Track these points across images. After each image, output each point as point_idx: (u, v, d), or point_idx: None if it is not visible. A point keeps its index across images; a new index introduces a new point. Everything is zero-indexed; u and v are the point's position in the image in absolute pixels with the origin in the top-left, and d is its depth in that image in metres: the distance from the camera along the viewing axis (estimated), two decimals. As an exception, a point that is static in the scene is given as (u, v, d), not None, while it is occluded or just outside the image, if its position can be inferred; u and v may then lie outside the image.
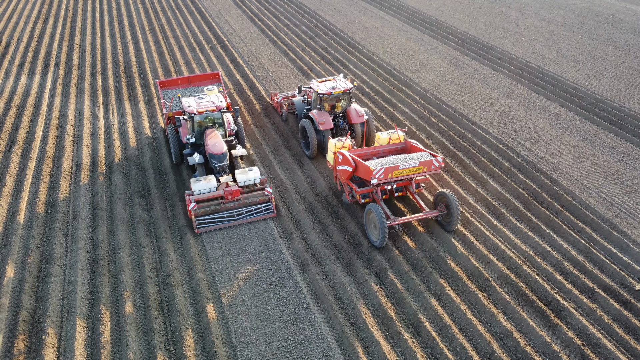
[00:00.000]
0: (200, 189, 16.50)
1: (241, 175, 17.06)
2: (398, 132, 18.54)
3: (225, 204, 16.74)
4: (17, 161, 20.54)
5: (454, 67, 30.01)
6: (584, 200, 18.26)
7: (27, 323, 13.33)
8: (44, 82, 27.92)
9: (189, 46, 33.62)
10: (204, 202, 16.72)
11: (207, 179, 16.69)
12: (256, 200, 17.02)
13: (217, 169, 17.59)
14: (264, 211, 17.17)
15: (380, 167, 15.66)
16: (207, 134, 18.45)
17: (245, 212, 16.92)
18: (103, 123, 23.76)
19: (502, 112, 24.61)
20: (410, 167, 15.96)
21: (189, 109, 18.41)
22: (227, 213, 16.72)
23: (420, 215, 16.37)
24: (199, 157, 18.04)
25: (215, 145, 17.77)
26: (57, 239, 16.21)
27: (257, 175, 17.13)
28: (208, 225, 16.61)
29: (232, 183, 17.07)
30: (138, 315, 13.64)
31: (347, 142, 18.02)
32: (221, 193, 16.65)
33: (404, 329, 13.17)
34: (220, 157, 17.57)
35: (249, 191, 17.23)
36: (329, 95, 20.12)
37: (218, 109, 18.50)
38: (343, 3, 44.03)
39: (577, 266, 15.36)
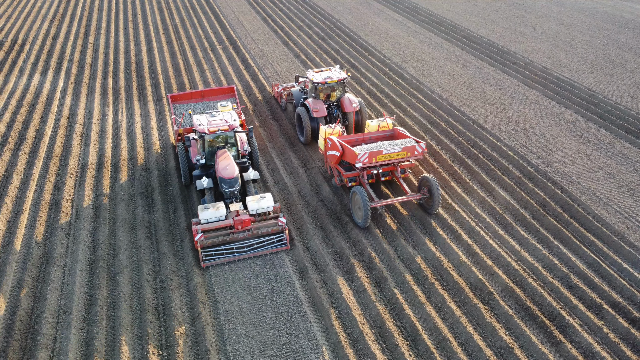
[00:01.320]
0: (208, 217, 15.21)
1: (253, 203, 15.64)
2: (387, 120, 19.34)
3: (235, 235, 15.42)
4: (25, 159, 20.71)
5: (467, 72, 29.50)
6: (595, 211, 17.70)
7: (23, 323, 13.35)
8: (56, 81, 28.18)
9: (201, 47, 33.67)
10: (211, 232, 15.38)
11: (216, 207, 15.46)
12: (268, 231, 15.67)
13: (228, 194, 16.16)
14: (276, 243, 15.83)
15: (364, 152, 16.82)
16: (218, 155, 17.02)
17: (256, 243, 15.62)
18: (112, 123, 23.85)
19: (514, 119, 24.07)
20: (393, 152, 17.05)
21: (199, 127, 17.03)
22: (236, 244, 15.45)
23: (404, 198, 17.21)
24: (207, 182, 16.58)
25: (226, 169, 16.28)
26: (58, 238, 16.25)
27: (270, 203, 15.69)
28: (215, 258, 15.32)
29: (243, 211, 15.65)
30: (133, 318, 13.57)
31: (336, 129, 18.90)
32: (230, 222, 15.26)
33: (401, 341, 12.86)
34: (231, 182, 16.10)
35: (260, 220, 15.90)
36: (323, 85, 21.07)
37: (231, 128, 17.12)
38: (358, 5, 43.71)
39: (585, 281, 14.86)
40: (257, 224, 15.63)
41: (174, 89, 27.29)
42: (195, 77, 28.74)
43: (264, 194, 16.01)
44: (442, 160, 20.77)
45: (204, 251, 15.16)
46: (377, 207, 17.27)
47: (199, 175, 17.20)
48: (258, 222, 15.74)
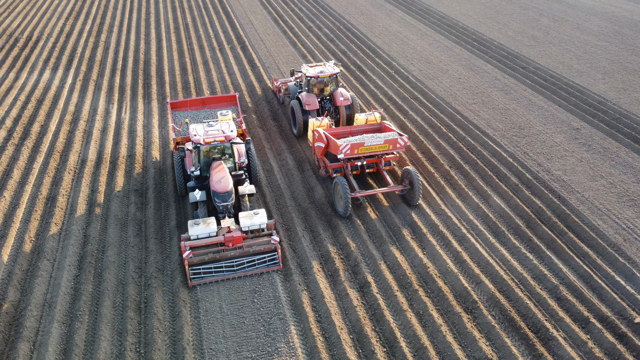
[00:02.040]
0: (198, 233, 14.59)
1: (245, 219, 15.00)
2: (374, 113, 20.01)
3: (225, 252, 14.80)
4: (27, 154, 21.12)
5: (473, 75, 29.11)
6: (592, 222, 17.27)
7: (9, 315, 13.61)
8: (65, 78, 28.70)
9: (209, 46, 33.91)
10: (201, 249, 14.78)
11: (207, 222, 14.83)
12: (260, 249, 15.00)
13: (220, 208, 15.52)
14: (268, 262, 15.12)
15: (346, 144, 17.38)
16: (213, 167, 16.37)
17: (247, 262, 14.93)
18: (115, 120, 24.18)
19: (517, 124, 23.65)
20: (375, 144, 17.57)
21: (195, 137, 16.46)
22: (226, 263, 14.78)
23: (385, 189, 17.62)
24: (200, 194, 15.98)
25: (219, 182, 15.55)
26: (51, 233, 16.53)
27: (263, 220, 15.03)
28: (204, 276, 14.62)
29: (235, 227, 15.05)
30: (115, 314, 13.71)
31: (324, 122, 19.60)
32: (221, 239, 14.64)
33: (378, 348, 12.73)
34: (224, 196, 15.35)
35: (253, 237, 15.29)
36: (316, 79, 21.72)
37: (228, 139, 16.51)
38: (369, 6, 43.52)
39: (574, 293, 14.51)
40: (249, 241, 14.97)
41: (179, 87, 27.55)
42: (200, 76, 28.96)
43: (257, 209, 15.46)
44: (439, 165, 20.52)
45: (192, 269, 14.54)
46: (358, 197, 17.90)
47: (195, 186, 16.62)
48: (250, 240, 15.09)
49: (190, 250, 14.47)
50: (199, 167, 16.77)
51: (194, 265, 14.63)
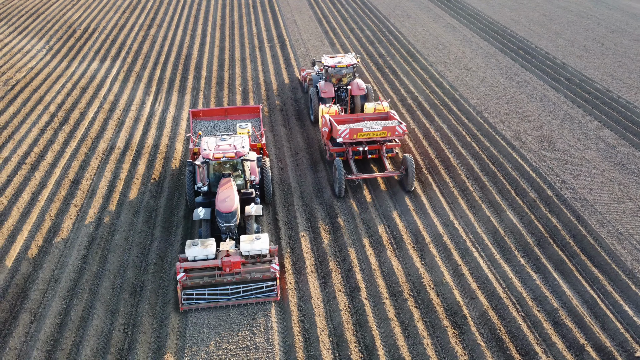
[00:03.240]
0: (195, 255, 13.87)
1: (246, 244, 14.11)
2: (383, 103, 20.92)
3: (222, 277, 13.97)
4: (63, 139, 22.52)
5: (512, 85, 28.08)
6: (610, 245, 16.29)
7: (18, 287, 14.63)
8: (111, 68, 30.28)
9: (250, 44, 34.67)
10: (196, 271, 13.99)
11: (205, 244, 14.02)
12: (258, 277, 14.08)
13: (223, 229, 14.84)
14: (265, 291, 14.12)
15: (345, 129, 18.38)
16: (221, 184, 15.55)
17: (243, 289, 14.03)
18: (148, 111, 25.28)
19: (549, 138, 22.63)
20: (373, 131, 18.44)
21: (204, 152, 15.79)
22: (221, 288, 13.91)
23: (382, 174, 18.66)
24: (204, 212, 15.22)
25: (224, 201, 14.78)
26: (69, 214, 17.58)
27: (264, 246, 14.11)
28: (196, 302, 13.83)
29: (235, 251, 14.28)
30: (112, 295, 14.42)
31: (332, 108, 20.52)
32: (218, 263, 13.84)
33: (355, 353, 12.66)
34: (227, 217, 14.64)
35: (253, 262, 14.35)
36: (334, 68, 22.86)
37: (238, 155, 15.70)
38: (417, 9, 42.90)
39: (575, 318, 13.77)
40: (249, 267, 14.14)
41: (213, 82, 28.38)
42: (235, 72, 29.70)
43: (259, 234, 14.59)
44: (455, 175, 20.02)
45: (185, 292, 13.77)
46: (354, 179, 18.80)
47: (203, 202, 15.83)
48: (249, 266, 14.21)
49: (185, 272, 13.76)
50: (208, 182, 16.05)
51: (188, 288, 13.86)
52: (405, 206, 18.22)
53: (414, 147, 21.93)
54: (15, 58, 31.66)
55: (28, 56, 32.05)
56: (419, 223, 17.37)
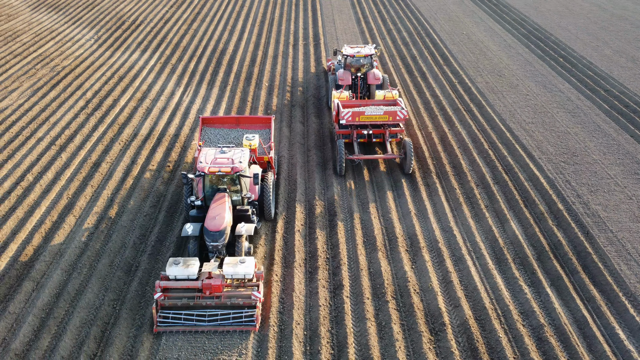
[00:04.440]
0: (175, 274, 13.23)
1: (229, 267, 13.39)
2: (392, 91, 22.21)
3: (202, 300, 13.25)
4: (93, 123, 23.86)
5: (544, 93, 27.10)
6: (615, 265, 15.54)
7: (27, 257, 15.76)
8: (149, 59, 31.68)
9: (285, 41, 35.24)
10: (176, 291, 13.42)
11: (187, 264, 13.42)
12: (238, 303, 13.26)
13: (210, 248, 14.25)
14: (244, 319, 13.17)
15: (348, 111, 19.57)
16: (214, 199, 15.02)
17: (221, 315, 13.19)
18: (175, 102, 26.31)
19: (572, 150, 21.73)
20: (375, 115, 19.61)
21: (200, 165, 15.26)
22: (198, 312, 13.19)
23: (382, 156, 19.75)
24: (192, 229, 14.53)
25: (213, 219, 14.24)
26: (85, 194, 18.68)
27: (248, 270, 13.35)
28: (171, 324, 13.13)
29: (218, 273, 13.51)
30: (109, 272, 15.26)
31: (343, 94, 21.82)
32: (199, 284, 13.20)
33: (325, 349, 12.81)
34: (214, 236, 14.07)
35: (237, 285, 13.66)
36: (352, 58, 24.14)
37: (234, 171, 15.05)
38: (460, 12, 42.04)
39: (561, 336, 13.29)
40: (230, 292, 13.44)
41: (242, 77, 29.12)
42: (265, 68, 30.32)
43: (245, 257, 13.77)
44: (465, 182, 19.66)
45: (161, 312, 13.15)
46: (354, 159, 19.96)
47: (197, 216, 15.25)
48: (231, 290, 13.51)
49: (162, 292, 13.15)
50: (202, 197, 15.48)
51: (166, 309, 13.25)
52: (406, 209, 18.11)
53: (427, 151, 21.69)
54: (65, 46, 33.73)
55: (77, 45, 34.05)
56: (417, 227, 17.22)
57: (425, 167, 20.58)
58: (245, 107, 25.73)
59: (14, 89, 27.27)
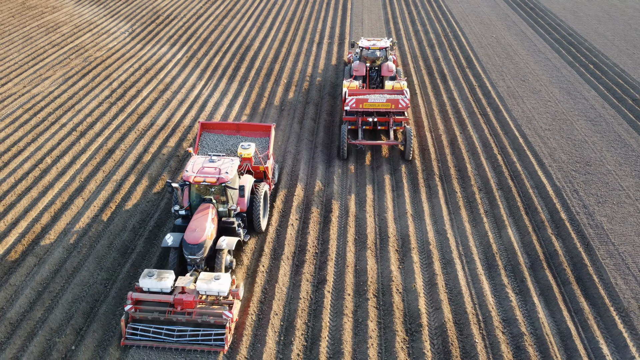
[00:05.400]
0: (148, 286, 12.90)
1: (202, 283, 12.90)
2: (401, 82, 22.93)
3: (173, 315, 12.84)
4: (114, 112, 24.91)
5: (567, 100, 26.29)
6: (611, 278, 15.03)
7: (34, 234, 16.73)
8: (177, 53, 32.69)
9: (310, 39, 35.56)
10: (148, 304, 13.11)
11: (161, 276, 12.98)
12: (209, 322, 12.76)
13: (189, 261, 13.86)
14: (213, 339, 12.68)
15: (352, 98, 20.61)
16: (198, 210, 14.61)
17: (190, 332, 12.79)
18: (195, 94, 27.09)
19: (586, 160, 21.04)
20: (378, 102, 20.53)
21: (185, 174, 14.81)
22: (168, 327, 12.77)
23: (383, 142, 20.90)
24: (172, 240, 14.08)
25: (193, 232, 13.81)
26: (96, 178, 19.60)
27: (223, 288, 12.85)
28: (139, 338, 12.73)
29: (192, 288, 13.06)
30: (106, 253, 15.99)
31: (353, 83, 22.72)
32: (171, 299, 12.82)
33: (299, 340, 13.04)
34: (192, 249, 13.64)
35: (212, 302, 13.18)
36: (367, 50, 25.19)
37: (219, 182, 14.54)
38: (493, 15, 41.18)
39: (540, 347, 13.02)
40: (203, 308, 12.97)
41: (262, 73, 29.63)
42: (286, 65, 30.74)
43: (220, 274, 13.18)
44: (467, 186, 19.41)
45: (131, 324, 12.84)
46: (357, 144, 21.04)
47: (178, 226, 14.93)
48: (205, 307, 13.04)
49: (132, 304, 12.85)
50: (187, 206, 15.10)
51: (136, 321, 12.94)
52: (403, 209, 18.08)
53: (434, 153, 21.51)
54: (100, 38, 35.25)
55: (111, 37, 35.52)
56: (412, 228, 17.18)
57: (429, 169, 20.43)
58: (260, 102, 26.22)
59: (47, 77, 28.78)
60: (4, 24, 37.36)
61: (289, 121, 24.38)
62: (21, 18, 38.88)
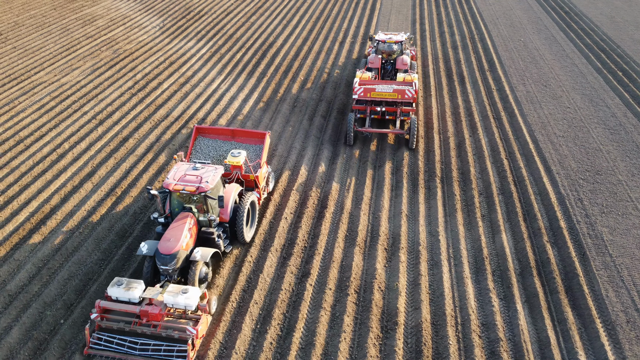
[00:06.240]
0: (116, 295, 12.69)
1: (169, 295, 12.53)
2: (412, 74, 23.57)
3: (138, 327, 12.56)
4: (134, 103, 25.90)
5: (587, 107, 25.50)
6: (602, 290, 14.63)
7: (43, 214, 17.70)
8: (202, 48, 33.58)
9: (334, 38, 35.77)
10: (115, 314, 12.91)
11: (131, 286, 12.74)
12: (173, 336, 12.39)
13: (162, 271, 13.56)
14: (175, 355, 12.33)
15: (360, 87, 21.77)
16: (176, 218, 14.30)
17: (153, 346, 12.45)
18: (213, 88, 27.81)
19: (597, 168, 20.42)
20: (385, 92, 21.57)
21: (166, 181, 14.57)
22: (131, 338, 12.54)
23: (388, 130, 21.72)
24: (147, 248, 13.80)
25: (168, 241, 13.49)
26: (107, 164, 20.52)
27: (190, 302, 12.50)
28: (103, 347, 12.54)
29: (160, 300, 12.70)
30: (105, 236, 16.76)
31: (365, 74, 23.67)
32: (137, 310, 12.53)
33: (274, 329, 13.35)
34: (164, 259, 13.32)
35: (179, 316, 12.91)
36: (383, 43, 25.94)
37: (199, 191, 14.18)
38: (525, 18, 40.21)
39: (516, 354, 12.86)
40: (168, 322, 12.68)
41: (281, 70, 30.07)
42: (305, 63, 31.07)
43: (188, 287, 12.74)
44: (468, 189, 19.21)
45: (97, 333, 12.68)
46: (363, 131, 21.98)
47: (158, 234, 14.90)
48: (170, 320, 12.77)
49: (99, 312, 12.63)
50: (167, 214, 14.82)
51: (103, 330, 12.77)
52: (399, 209, 18.09)
53: (439, 155, 21.36)
54: (132, 31, 36.60)
55: (142, 31, 36.81)
56: (404, 227, 17.19)
57: (432, 170, 20.32)
58: (274, 98, 26.66)
59: (77, 67, 30.18)
60: (45, 16, 39.33)
61: (300, 117, 24.71)
62: (62, 11, 40.82)
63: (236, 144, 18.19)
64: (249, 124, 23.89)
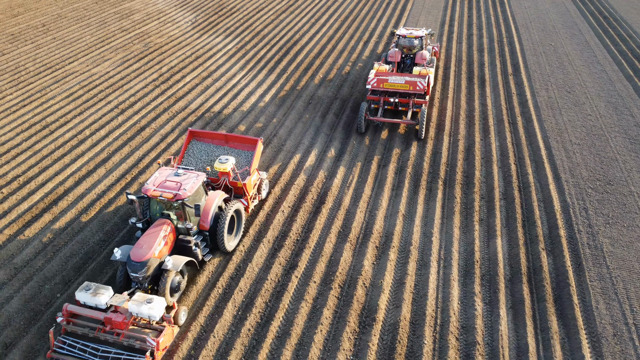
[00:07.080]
0: (84, 300, 12.57)
1: (134, 304, 12.34)
2: (427, 68, 24.56)
3: (102, 334, 12.44)
4: (156, 94, 26.89)
5: (611, 115, 24.65)
6: (593, 302, 14.27)
7: (56, 195, 18.75)
8: (228, 44, 34.39)
9: (359, 37, 35.86)
10: (81, 319, 12.85)
11: (99, 292, 12.57)
12: (134, 346, 12.26)
13: (132, 278, 13.44)
14: None
15: (373, 78, 22.94)
16: (152, 225, 14.15)
17: (114, 354, 12.30)
18: (233, 84, 28.50)
19: (609, 178, 19.78)
20: (397, 83, 22.46)
21: (145, 186, 14.40)
22: (93, 345, 12.43)
23: (398, 120, 22.28)
24: (120, 253, 13.70)
25: (140, 248, 13.37)
26: (122, 151, 21.45)
27: (153, 313, 12.28)
28: (66, 352, 12.41)
29: (125, 308, 12.56)
30: (108, 218, 17.59)
31: (382, 67, 24.89)
32: (101, 317, 12.43)
33: (254, 317, 13.74)
34: (135, 266, 13.19)
35: (144, 326, 12.70)
36: (404, 38, 26.73)
37: (177, 198, 13.91)
38: (559, 22, 39.04)
39: (492, 358, 12.74)
40: (132, 331, 12.51)
41: (301, 67, 30.46)
42: (327, 61, 31.34)
43: (153, 296, 12.52)
44: (470, 192, 19.02)
45: (62, 337, 12.60)
46: (374, 120, 22.73)
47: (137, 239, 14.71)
48: (135, 330, 12.58)
49: (65, 317, 12.61)
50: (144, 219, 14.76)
51: (68, 334, 12.72)
52: (396, 208, 18.13)
53: (445, 157, 21.20)
54: (165, 26, 37.88)
55: (175, 26, 38.03)
56: (399, 227, 17.23)
57: (436, 171, 20.22)
58: (291, 95, 27.08)
59: (108, 58, 31.55)
60: (87, 9, 41.23)
61: (313, 114, 25.02)
62: (102, 4, 42.66)
63: (229, 149, 17.81)
64: (262, 118, 24.39)
